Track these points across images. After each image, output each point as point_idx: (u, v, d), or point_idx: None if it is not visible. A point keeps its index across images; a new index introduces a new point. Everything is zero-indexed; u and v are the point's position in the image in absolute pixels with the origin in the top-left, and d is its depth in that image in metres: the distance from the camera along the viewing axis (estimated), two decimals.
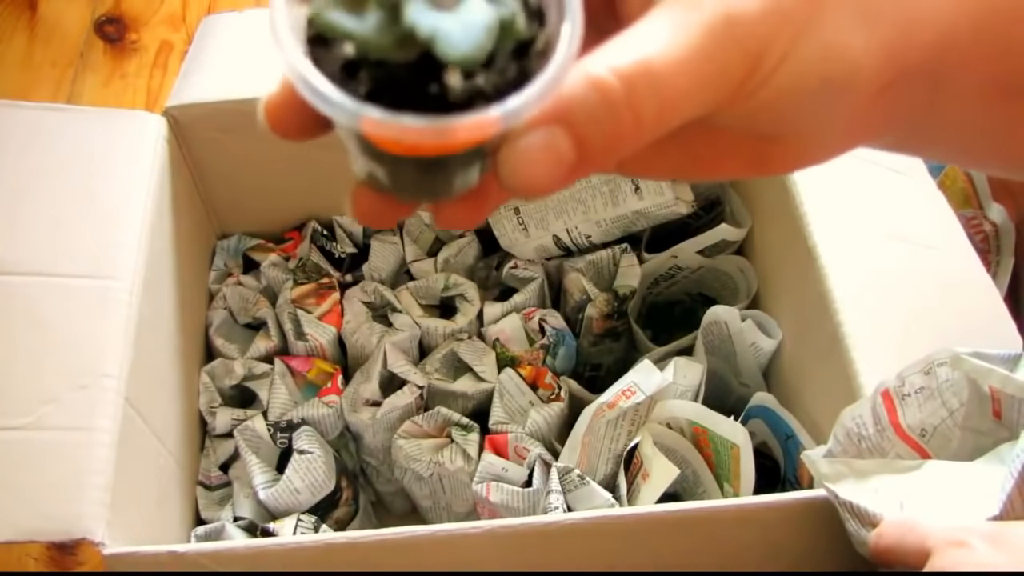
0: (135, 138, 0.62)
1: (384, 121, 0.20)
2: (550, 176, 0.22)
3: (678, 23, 0.23)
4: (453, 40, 0.19)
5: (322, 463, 0.60)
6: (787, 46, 0.23)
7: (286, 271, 0.70)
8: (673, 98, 0.23)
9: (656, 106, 0.22)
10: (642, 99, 0.22)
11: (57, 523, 0.46)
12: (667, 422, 0.58)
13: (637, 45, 0.22)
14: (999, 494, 0.37)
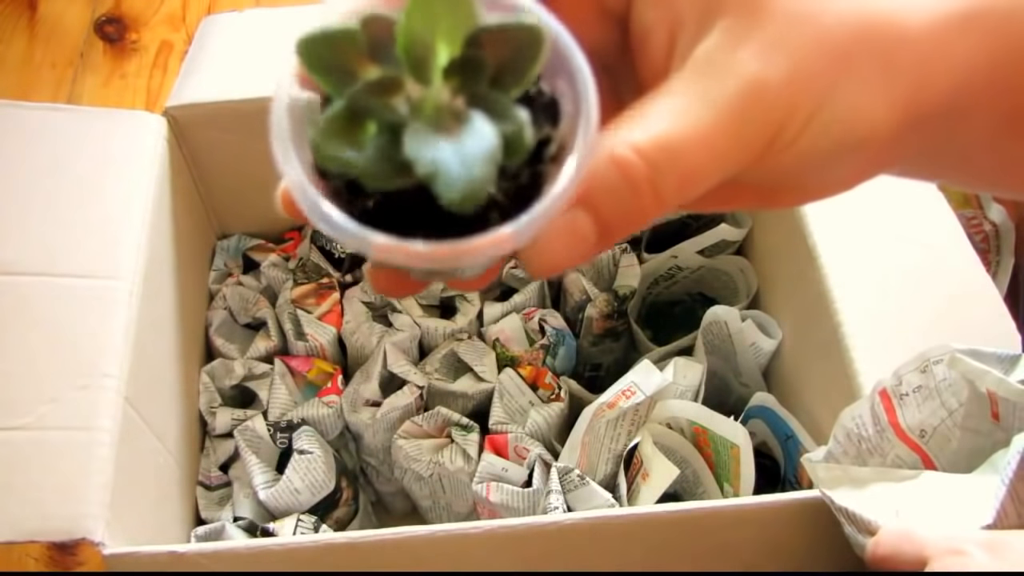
0: (135, 138, 0.62)
1: (394, 247, 0.19)
2: (570, 256, 0.22)
3: (701, 96, 0.23)
4: (451, 180, 0.19)
5: (322, 463, 0.60)
6: (810, 112, 0.23)
7: (286, 271, 0.70)
8: (694, 174, 0.23)
9: (677, 183, 0.22)
10: (664, 178, 0.22)
11: (57, 523, 0.46)
12: (667, 422, 0.58)
13: (659, 121, 0.22)
14: (992, 502, 0.37)
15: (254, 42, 0.68)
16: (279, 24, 0.69)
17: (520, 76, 0.20)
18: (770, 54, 0.23)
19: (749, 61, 0.23)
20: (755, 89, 0.23)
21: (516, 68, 0.20)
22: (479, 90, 0.20)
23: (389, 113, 0.20)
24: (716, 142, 0.22)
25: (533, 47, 0.20)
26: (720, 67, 0.23)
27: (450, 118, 0.20)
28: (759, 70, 0.23)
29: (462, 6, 0.20)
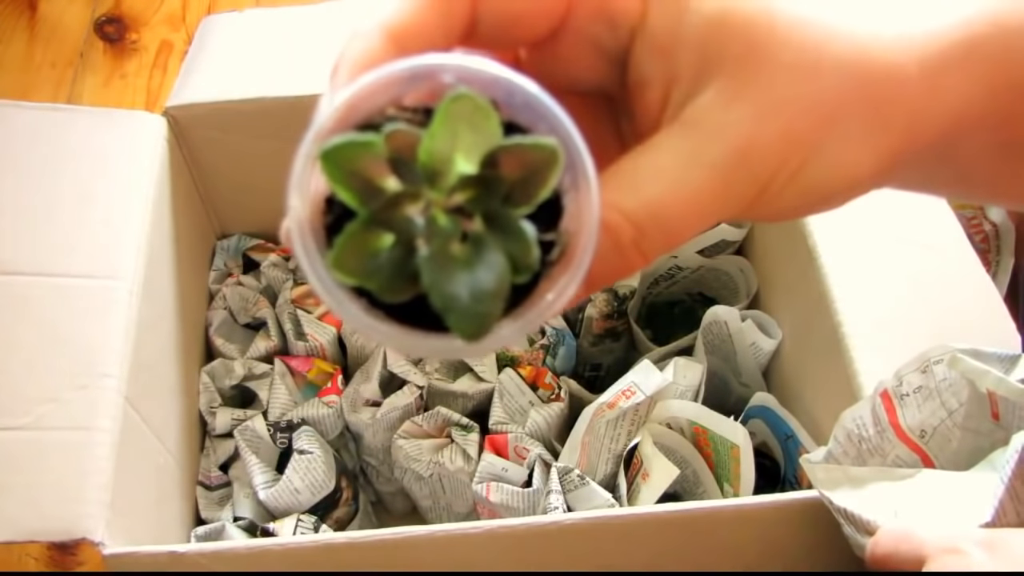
0: (135, 138, 0.62)
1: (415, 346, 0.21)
2: (560, 310, 0.23)
3: (690, 157, 0.23)
4: (463, 316, 0.20)
5: (322, 463, 0.60)
6: (796, 168, 0.24)
7: (286, 271, 0.70)
8: (679, 233, 0.23)
9: (663, 243, 0.23)
10: (650, 239, 0.23)
11: (57, 523, 0.46)
12: (667, 422, 0.58)
13: (647, 183, 0.23)
14: (991, 500, 0.37)
15: (254, 42, 0.68)
16: (279, 24, 0.69)
17: (532, 196, 0.21)
18: (762, 115, 0.23)
19: (741, 123, 0.23)
20: (745, 151, 0.23)
21: (529, 187, 0.21)
22: (492, 207, 0.21)
23: (405, 226, 0.21)
24: (702, 203, 0.23)
25: (547, 168, 0.21)
26: (712, 127, 0.23)
27: (464, 243, 0.21)
28: (750, 132, 0.23)
29: (485, 128, 0.21)
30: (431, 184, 0.21)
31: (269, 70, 0.66)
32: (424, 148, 0.20)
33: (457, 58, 0.22)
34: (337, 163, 0.20)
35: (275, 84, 0.64)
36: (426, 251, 0.20)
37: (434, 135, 0.20)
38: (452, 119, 0.20)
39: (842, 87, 0.24)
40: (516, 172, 0.21)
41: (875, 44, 0.24)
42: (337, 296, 0.21)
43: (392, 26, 0.23)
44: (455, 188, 0.21)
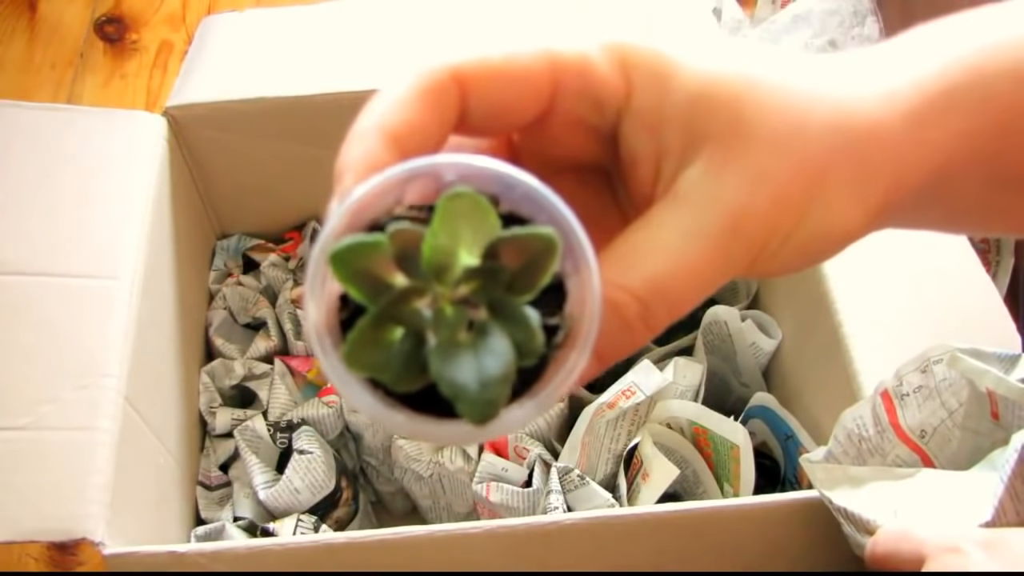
0: (135, 138, 0.62)
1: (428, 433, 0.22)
2: (568, 391, 0.24)
3: (687, 231, 0.24)
4: (471, 403, 0.21)
5: (322, 463, 0.60)
6: (789, 231, 0.25)
7: (286, 271, 0.70)
8: (683, 303, 0.24)
9: (667, 315, 0.24)
10: (655, 313, 0.24)
11: (57, 523, 0.46)
12: (667, 422, 0.58)
13: (648, 260, 0.24)
14: (991, 500, 0.37)
15: (254, 42, 0.68)
16: (279, 24, 0.69)
17: (533, 283, 0.22)
18: (753, 183, 0.24)
19: (733, 192, 0.24)
20: (738, 220, 0.24)
21: (530, 275, 0.22)
22: (496, 296, 0.22)
23: (414, 319, 0.22)
24: (702, 273, 0.24)
25: (545, 256, 0.22)
26: (703, 200, 0.24)
27: (470, 331, 0.22)
28: (743, 200, 0.24)
29: (484, 222, 0.22)
30: (437, 278, 0.22)
31: (269, 70, 0.66)
32: (427, 245, 0.22)
33: (456, 157, 0.23)
34: (346, 263, 0.21)
35: (275, 84, 0.64)
36: (434, 342, 0.22)
37: (436, 232, 0.22)
38: (452, 216, 0.21)
39: (828, 149, 0.24)
40: (517, 261, 0.22)
41: (857, 104, 0.25)
42: (353, 389, 0.22)
43: (389, 127, 0.24)
44: (459, 280, 0.22)
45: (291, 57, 0.66)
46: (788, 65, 0.26)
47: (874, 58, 0.27)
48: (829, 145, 0.24)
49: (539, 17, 0.68)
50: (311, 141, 0.67)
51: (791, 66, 0.26)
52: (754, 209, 0.24)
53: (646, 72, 0.25)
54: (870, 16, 0.82)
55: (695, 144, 0.24)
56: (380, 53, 0.66)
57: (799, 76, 0.25)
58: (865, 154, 0.25)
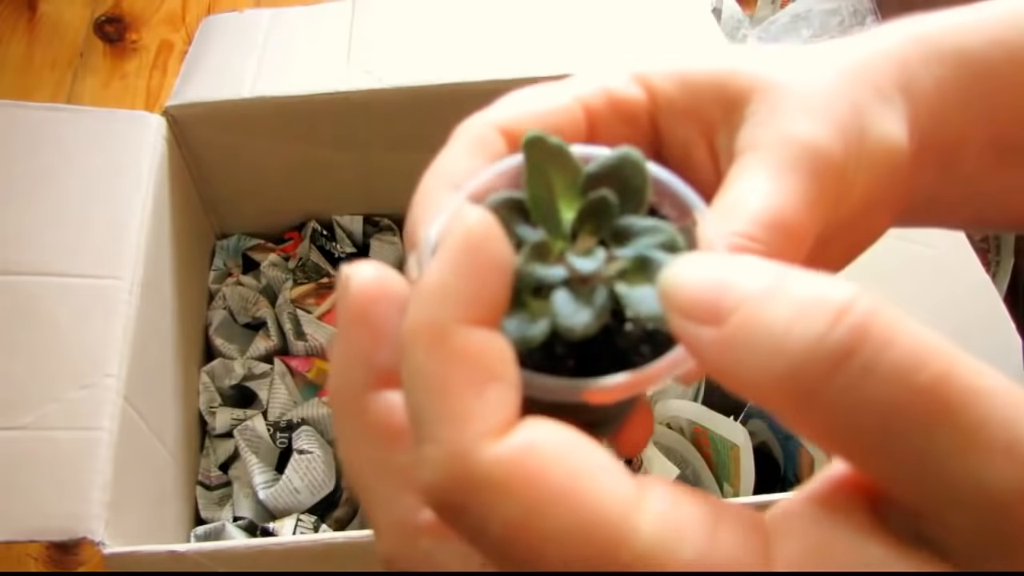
0: (135, 138, 0.62)
1: (610, 388, 0.20)
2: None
3: (774, 169, 0.24)
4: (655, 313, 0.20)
5: (322, 463, 0.60)
6: (857, 150, 0.25)
7: (286, 271, 0.70)
8: (802, 236, 0.24)
9: (792, 251, 0.23)
10: (779, 250, 0.23)
11: (57, 523, 0.46)
12: (667, 422, 0.58)
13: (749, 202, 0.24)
14: None
15: (254, 42, 0.68)
16: (279, 24, 0.69)
17: (639, 200, 0.22)
18: (808, 117, 0.25)
19: (796, 127, 0.24)
20: (813, 146, 0.24)
21: (631, 195, 0.22)
22: (615, 224, 0.21)
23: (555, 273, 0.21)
24: (808, 200, 0.24)
25: (638, 172, 0.22)
26: (776, 141, 0.24)
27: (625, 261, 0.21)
28: (808, 131, 0.24)
29: (568, 163, 0.22)
30: (551, 232, 0.21)
31: (269, 70, 0.66)
32: (530, 199, 0.21)
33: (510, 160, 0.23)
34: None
35: (275, 84, 0.64)
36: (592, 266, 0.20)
37: (531, 184, 0.21)
38: (538, 161, 0.21)
39: (848, 83, 0.26)
40: (614, 188, 0.21)
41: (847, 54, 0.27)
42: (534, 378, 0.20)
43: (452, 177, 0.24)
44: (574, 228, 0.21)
45: (291, 57, 0.66)
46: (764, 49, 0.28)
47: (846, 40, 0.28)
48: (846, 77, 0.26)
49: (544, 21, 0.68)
50: (311, 141, 0.67)
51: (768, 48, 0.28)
52: (821, 135, 0.24)
53: (660, 72, 0.27)
54: (870, 16, 0.82)
55: (736, 106, 0.25)
56: (380, 53, 0.66)
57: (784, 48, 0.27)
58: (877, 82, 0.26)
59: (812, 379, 0.15)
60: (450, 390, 0.17)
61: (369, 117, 0.64)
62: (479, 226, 0.18)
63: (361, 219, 0.73)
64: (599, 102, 0.26)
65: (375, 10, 0.69)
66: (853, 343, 0.15)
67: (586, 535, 0.15)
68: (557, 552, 0.16)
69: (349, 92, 0.63)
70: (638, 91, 0.27)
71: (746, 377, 0.16)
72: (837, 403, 0.15)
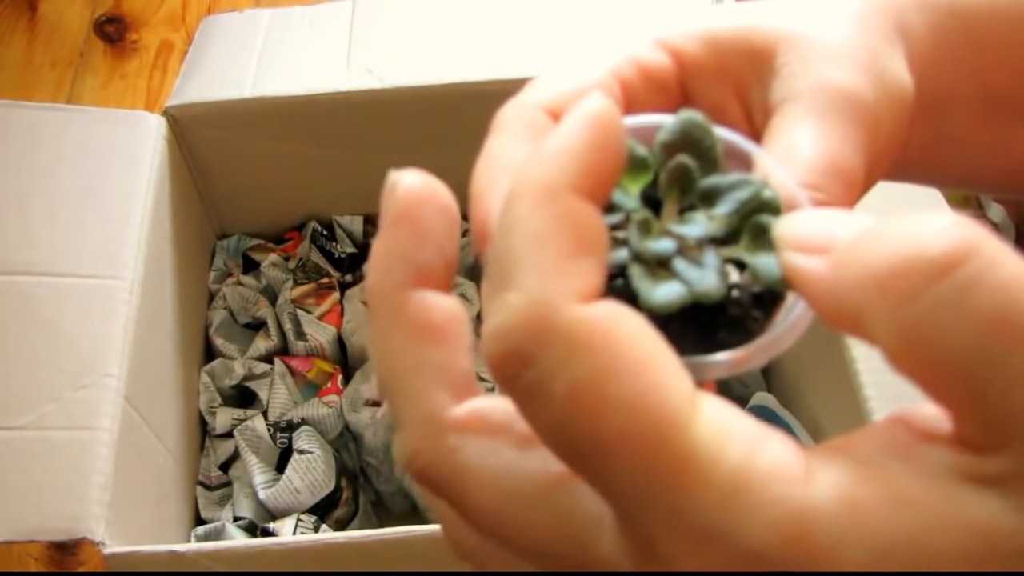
0: (135, 138, 0.62)
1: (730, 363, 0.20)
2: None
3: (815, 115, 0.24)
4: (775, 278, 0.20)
5: (322, 463, 0.60)
6: (881, 97, 0.25)
7: (286, 271, 0.70)
8: (855, 178, 0.24)
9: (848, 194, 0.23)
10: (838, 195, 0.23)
11: (57, 523, 0.46)
12: None
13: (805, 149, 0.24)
14: None
15: (254, 42, 0.68)
16: (279, 24, 0.69)
17: (714, 158, 0.21)
18: (837, 63, 0.25)
19: (827, 72, 0.25)
20: (847, 90, 0.24)
21: (706, 154, 0.21)
22: (699, 187, 0.21)
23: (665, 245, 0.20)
24: (854, 143, 0.24)
25: (706, 132, 0.21)
26: (809, 87, 0.25)
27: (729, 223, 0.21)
28: (841, 77, 0.25)
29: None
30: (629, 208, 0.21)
31: (269, 70, 0.66)
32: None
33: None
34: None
35: (275, 84, 0.64)
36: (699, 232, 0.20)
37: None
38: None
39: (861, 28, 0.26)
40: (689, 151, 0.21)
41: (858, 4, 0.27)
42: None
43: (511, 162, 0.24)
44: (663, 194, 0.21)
45: (291, 57, 0.66)
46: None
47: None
48: (859, 22, 0.26)
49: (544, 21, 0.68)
50: (311, 141, 0.67)
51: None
52: (851, 80, 0.24)
53: (683, 35, 0.27)
54: None
55: (765, 59, 0.26)
56: (381, 53, 0.66)
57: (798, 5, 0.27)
58: (881, 27, 0.27)
59: (916, 283, 0.15)
60: (548, 245, 0.17)
61: (369, 117, 0.64)
62: (606, 106, 0.18)
63: (361, 219, 0.73)
64: (629, 73, 0.26)
65: (375, 10, 0.69)
66: (961, 255, 0.15)
67: (647, 413, 0.16)
68: (615, 422, 0.16)
69: (349, 92, 0.63)
70: (663, 56, 0.27)
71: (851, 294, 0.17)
72: (939, 313, 0.15)
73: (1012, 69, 0.28)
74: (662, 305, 0.19)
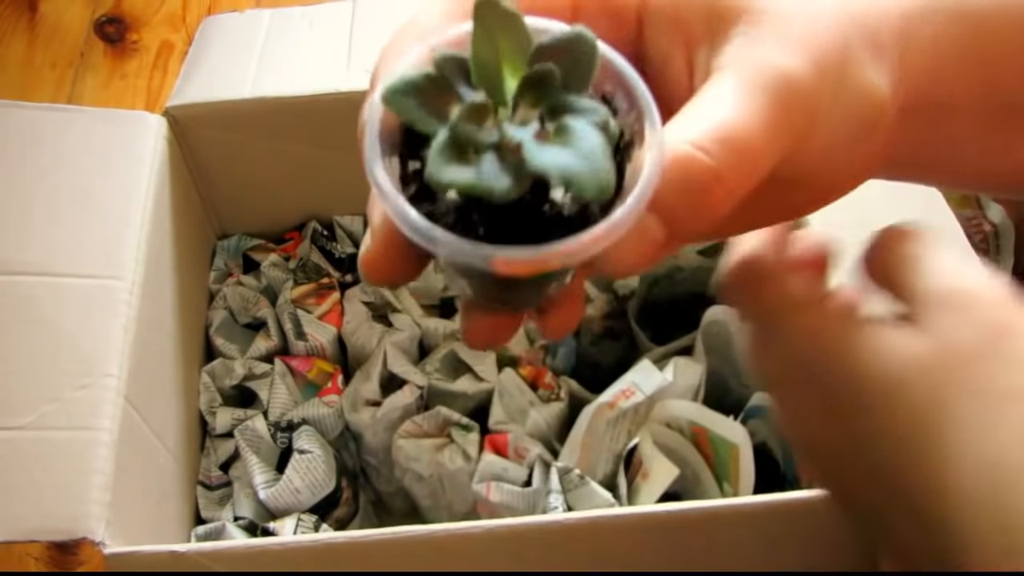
0: (135, 138, 0.62)
1: (523, 258, 0.21)
2: (640, 260, 0.23)
3: (743, 87, 0.24)
4: (584, 179, 0.20)
5: (322, 463, 0.60)
6: (832, 94, 0.25)
7: (286, 271, 0.70)
8: (755, 159, 0.23)
9: (742, 172, 0.23)
10: (727, 169, 0.23)
11: (57, 523, 0.46)
12: (667, 422, 0.58)
13: (711, 115, 0.23)
14: None
15: (254, 42, 0.68)
16: (279, 24, 0.69)
17: (584, 79, 0.22)
18: (792, 47, 0.24)
19: (775, 56, 0.24)
20: (787, 77, 0.24)
21: (577, 73, 0.22)
22: (555, 98, 0.22)
23: (487, 136, 0.21)
24: (767, 125, 0.23)
25: (588, 52, 0.22)
26: (752, 63, 0.24)
27: (550, 129, 0.21)
28: (785, 62, 0.24)
29: (519, 31, 0.22)
30: (492, 95, 0.22)
31: (269, 70, 0.66)
32: (473, 60, 0.21)
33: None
34: (401, 98, 0.21)
35: (275, 84, 0.64)
36: (527, 143, 0.21)
37: (477, 46, 0.21)
38: (487, 27, 0.21)
39: (842, 22, 0.26)
40: (561, 65, 0.22)
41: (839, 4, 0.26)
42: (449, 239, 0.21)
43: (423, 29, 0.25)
44: (515, 96, 0.22)
45: (291, 57, 0.66)
46: None
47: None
48: (844, 19, 0.26)
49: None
50: (311, 141, 0.67)
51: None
52: (797, 69, 0.24)
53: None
54: None
55: (722, 25, 0.25)
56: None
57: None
58: (874, 30, 0.26)
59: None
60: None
61: None
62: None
63: (362, 219, 0.73)
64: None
65: (375, 10, 0.69)
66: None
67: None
68: None
69: (349, 92, 0.63)
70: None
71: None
72: None
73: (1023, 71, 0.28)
74: (438, 183, 0.20)
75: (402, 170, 0.23)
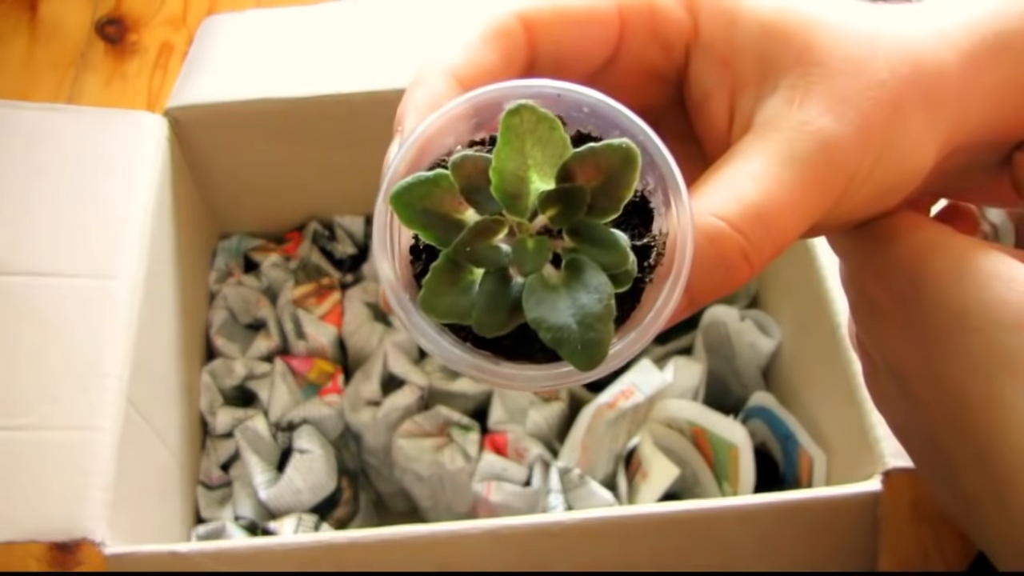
0: (136, 139, 0.62)
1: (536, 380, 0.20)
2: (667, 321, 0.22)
3: (780, 157, 0.23)
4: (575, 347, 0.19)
5: (323, 463, 0.60)
6: (875, 159, 0.24)
7: (287, 271, 0.70)
8: (786, 236, 0.23)
9: (771, 248, 0.23)
10: (757, 245, 0.22)
11: (58, 523, 0.46)
12: (667, 422, 0.58)
13: (744, 188, 0.23)
14: None
15: (255, 43, 0.68)
16: (279, 24, 0.69)
17: (615, 200, 0.20)
18: (839, 111, 0.23)
19: (819, 118, 0.23)
20: (830, 145, 0.23)
21: (611, 192, 0.20)
22: (578, 220, 0.20)
23: (493, 256, 0.20)
24: (803, 201, 0.23)
25: (626, 168, 0.20)
26: (793, 126, 0.23)
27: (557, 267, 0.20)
28: (832, 127, 0.23)
29: (551, 138, 0.20)
30: (510, 208, 0.20)
31: (269, 70, 0.66)
32: (495, 170, 0.20)
33: (515, 83, 0.21)
34: (409, 203, 0.20)
35: (275, 84, 0.64)
36: (522, 282, 0.20)
37: (502, 155, 0.20)
38: (516, 134, 0.20)
39: (900, 78, 0.24)
40: (595, 179, 0.20)
41: (917, 40, 0.25)
42: (441, 346, 0.20)
43: (454, 68, 0.23)
44: (535, 208, 0.20)
45: (291, 58, 0.66)
46: (841, 4, 0.26)
47: (923, 5, 0.26)
48: (901, 75, 0.24)
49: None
50: (311, 141, 0.67)
51: (843, 5, 0.26)
52: (842, 135, 0.23)
53: (712, 4, 0.25)
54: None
55: (771, 73, 0.24)
56: (381, 54, 0.66)
57: (860, 14, 0.25)
58: (931, 87, 0.24)
59: None
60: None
61: (369, 117, 0.64)
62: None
63: (362, 219, 0.73)
64: (639, 16, 0.25)
65: (375, 10, 0.69)
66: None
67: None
68: None
69: (349, 93, 0.63)
70: (684, 17, 0.25)
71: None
72: None
73: None
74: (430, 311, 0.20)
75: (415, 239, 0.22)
